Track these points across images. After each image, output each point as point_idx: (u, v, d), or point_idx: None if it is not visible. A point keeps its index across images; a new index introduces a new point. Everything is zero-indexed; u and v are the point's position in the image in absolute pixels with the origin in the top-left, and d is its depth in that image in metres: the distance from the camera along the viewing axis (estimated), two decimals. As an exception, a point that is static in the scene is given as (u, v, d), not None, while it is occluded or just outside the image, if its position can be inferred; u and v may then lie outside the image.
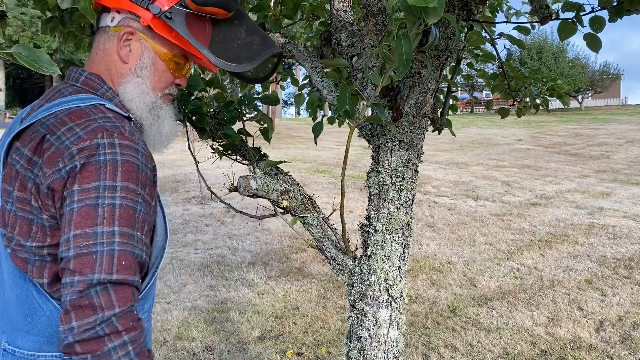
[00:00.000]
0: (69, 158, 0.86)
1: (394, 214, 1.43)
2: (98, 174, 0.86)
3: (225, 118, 1.71)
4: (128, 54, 1.04)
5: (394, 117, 1.43)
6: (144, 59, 1.05)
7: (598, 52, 1.41)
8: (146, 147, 0.98)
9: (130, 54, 1.04)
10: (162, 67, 1.07)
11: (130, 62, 1.04)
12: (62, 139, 0.88)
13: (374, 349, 1.45)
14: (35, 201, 0.90)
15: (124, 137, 0.91)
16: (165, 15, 1.00)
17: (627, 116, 25.21)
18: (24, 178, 0.90)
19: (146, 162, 0.94)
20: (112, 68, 1.05)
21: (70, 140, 0.88)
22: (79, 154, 0.86)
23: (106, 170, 0.87)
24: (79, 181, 0.86)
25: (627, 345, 3.36)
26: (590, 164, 11.56)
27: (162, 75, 1.08)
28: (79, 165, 0.86)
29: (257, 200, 1.59)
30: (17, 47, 0.67)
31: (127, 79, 1.05)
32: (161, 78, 1.08)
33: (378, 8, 1.51)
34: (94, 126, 0.89)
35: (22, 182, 0.90)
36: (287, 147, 15.38)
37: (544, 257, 5.24)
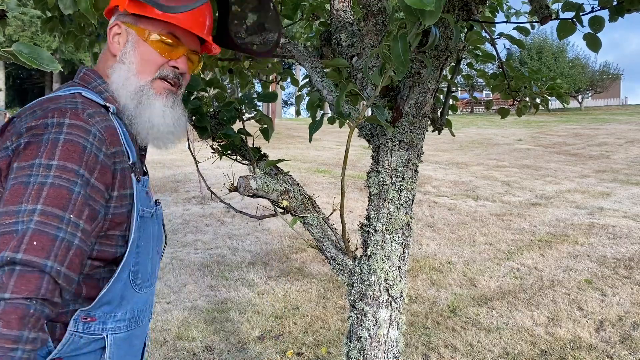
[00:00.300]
0: (17, 137, 0.87)
1: (394, 214, 1.43)
2: (37, 152, 0.84)
3: (225, 118, 1.71)
4: (117, 47, 1.07)
5: (394, 117, 1.43)
6: (127, 45, 1.06)
7: (598, 52, 1.41)
8: (108, 131, 0.95)
9: (119, 45, 1.07)
10: (148, 50, 1.06)
11: (117, 54, 1.07)
12: (22, 121, 0.90)
13: (374, 349, 1.45)
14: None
15: (77, 118, 0.90)
16: None
17: (627, 116, 25.21)
18: None
19: (99, 145, 0.92)
20: (105, 62, 1.08)
21: (25, 121, 0.89)
22: (26, 133, 0.87)
23: (45, 149, 0.85)
24: (19, 159, 0.85)
25: (627, 345, 3.36)
26: (590, 164, 11.56)
27: (148, 58, 1.06)
28: (23, 143, 0.86)
29: (257, 200, 1.59)
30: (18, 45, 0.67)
31: (113, 69, 1.06)
32: (148, 61, 1.06)
33: (378, 8, 1.51)
34: (52, 107, 0.90)
35: None
36: (287, 147, 15.38)
37: (544, 257, 5.24)
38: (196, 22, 1.08)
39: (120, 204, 0.99)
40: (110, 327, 1.01)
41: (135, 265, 1.04)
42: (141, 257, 1.05)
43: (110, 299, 1.00)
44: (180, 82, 1.12)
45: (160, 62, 1.07)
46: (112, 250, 1.00)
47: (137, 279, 1.05)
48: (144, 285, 1.08)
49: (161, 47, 1.06)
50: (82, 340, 0.98)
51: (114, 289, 1.00)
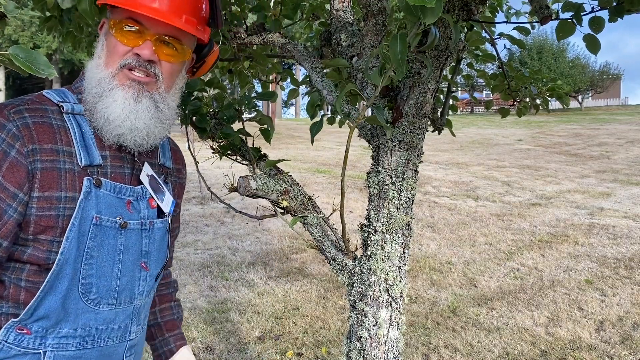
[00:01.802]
0: None
1: (394, 214, 1.43)
2: None
3: (224, 117, 1.71)
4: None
5: (394, 118, 1.43)
6: (99, 40, 1.02)
7: (597, 54, 1.40)
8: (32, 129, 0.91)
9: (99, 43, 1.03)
10: (112, 40, 0.98)
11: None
12: None
13: (374, 349, 1.44)
14: None
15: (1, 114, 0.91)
16: None
17: (627, 116, 25.22)
18: None
19: (11, 141, 0.89)
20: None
21: None
22: None
23: None
24: None
25: (628, 345, 3.36)
26: (590, 164, 11.56)
27: (113, 48, 0.98)
28: None
29: (257, 201, 1.59)
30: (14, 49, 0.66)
31: (86, 66, 1.02)
32: (112, 52, 0.98)
33: (378, 8, 1.51)
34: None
35: None
36: (287, 147, 15.38)
37: (544, 258, 5.24)
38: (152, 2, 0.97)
39: (47, 206, 0.92)
40: (51, 343, 0.95)
41: (87, 277, 0.96)
42: (96, 269, 0.97)
43: (47, 312, 0.94)
44: (154, 72, 1.00)
45: (123, 51, 0.98)
46: (43, 255, 0.93)
47: (90, 293, 0.97)
48: (102, 302, 0.99)
49: (124, 34, 0.97)
50: (12, 352, 0.94)
51: (50, 301, 0.94)
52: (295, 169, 10.41)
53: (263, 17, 1.84)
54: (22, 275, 0.94)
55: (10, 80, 30.22)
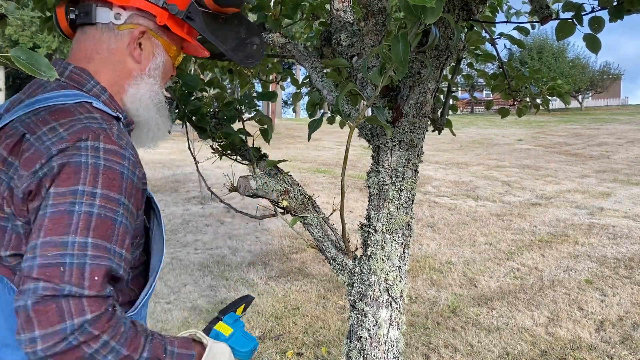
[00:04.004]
0: (47, 159, 0.78)
1: (394, 214, 1.43)
2: (77, 178, 0.78)
3: (224, 117, 1.71)
4: (140, 54, 0.99)
5: (394, 117, 1.43)
6: (156, 58, 1.01)
7: (597, 54, 1.40)
8: (135, 152, 0.90)
9: (143, 53, 0.99)
10: (170, 64, 1.05)
11: (143, 62, 1.00)
12: (42, 139, 0.80)
13: (374, 349, 1.44)
14: (7, 207, 0.81)
15: (110, 141, 0.83)
16: (187, 15, 0.99)
17: (627, 116, 25.21)
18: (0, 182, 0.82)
19: (133, 169, 0.86)
20: (117, 68, 0.98)
21: (51, 141, 0.80)
22: (58, 155, 0.78)
23: (87, 175, 0.78)
24: (55, 184, 0.77)
25: (628, 345, 3.36)
26: (590, 164, 11.56)
27: (167, 71, 1.06)
28: (57, 166, 0.78)
29: (257, 200, 1.59)
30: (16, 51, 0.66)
31: (138, 80, 0.99)
32: (166, 74, 1.06)
33: (378, 8, 1.51)
34: (79, 127, 0.82)
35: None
36: (287, 147, 15.38)
37: (544, 257, 5.24)
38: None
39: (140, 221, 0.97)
40: None
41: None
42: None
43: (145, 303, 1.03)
44: None
45: (171, 74, 1.08)
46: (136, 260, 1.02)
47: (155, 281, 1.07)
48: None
49: (175, 61, 1.07)
50: None
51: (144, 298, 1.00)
52: (295, 169, 10.40)
53: (263, 17, 1.84)
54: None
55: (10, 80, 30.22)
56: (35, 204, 0.78)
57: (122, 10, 0.97)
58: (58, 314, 0.72)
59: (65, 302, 0.73)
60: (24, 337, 0.72)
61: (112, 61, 0.97)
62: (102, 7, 0.96)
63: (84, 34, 0.98)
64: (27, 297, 0.72)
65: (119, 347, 0.77)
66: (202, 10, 1.01)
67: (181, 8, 0.98)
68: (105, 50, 0.97)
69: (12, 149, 0.82)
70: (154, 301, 4.10)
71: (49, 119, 0.83)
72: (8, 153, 0.82)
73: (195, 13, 1.00)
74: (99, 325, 0.75)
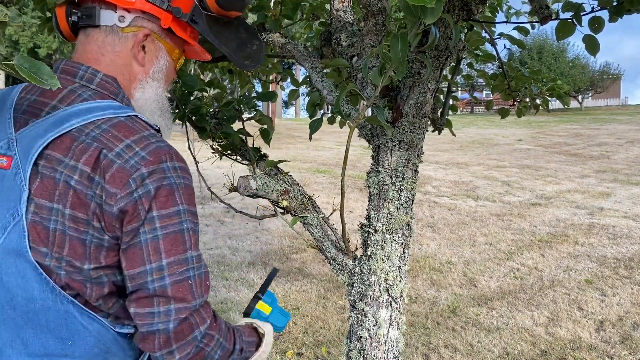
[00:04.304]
0: (141, 180, 0.83)
1: (394, 214, 1.43)
2: (174, 199, 0.86)
3: (224, 117, 1.71)
4: (144, 57, 0.99)
5: (394, 117, 1.43)
6: (159, 61, 1.02)
7: (596, 56, 1.40)
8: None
9: (146, 56, 1.00)
10: (172, 67, 1.06)
11: (146, 66, 1.00)
12: (124, 157, 0.83)
13: (374, 349, 1.44)
14: (97, 222, 0.83)
15: (179, 159, 0.89)
16: (191, 18, 1.00)
17: (627, 116, 25.21)
18: (83, 196, 0.82)
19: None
20: (125, 72, 0.98)
21: (135, 160, 0.83)
22: (150, 177, 0.83)
23: (180, 195, 0.87)
24: (157, 206, 0.84)
25: (628, 345, 3.36)
26: (590, 164, 11.56)
27: (170, 74, 1.06)
28: (153, 189, 0.83)
29: (257, 200, 1.59)
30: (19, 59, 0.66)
31: (143, 83, 1.00)
32: (169, 77, 1.06)
33: (378, 8, 1.51)
34: (153, 147, 0.86)
35: (79, 200, 0.82)
36: (287, 147, 15.38)
37: (544, 257, 5.24)
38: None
39: None
40: None
41: None
42: None
43: None
44: None
45: (173, 77, 1.09)
46: None
47: None
48: None
49: (178, 64, 1.07)
50: None
51: None
52: (295, 169, 10.41)
53: (263, 17, 1.84)
54: None
55: (10, 81, 30.23)
56: (134, 225, 0.83)
57: (126, 13, 0.96)
58: (190, 328, 0.87)
59: (195, 316, 0.88)
60: (164, 352, 0.86)
61: (118, 64, 0.98)
62: (105, 10, 0.96)
63: (87, 36, 0.98)
64: (168, 322, 0.85)
65: (224, 342, 0.93)
66: (205, 14, 1.01)
67: (185, 11, 0.99)
68: (110, 53, 0.97)
69: (94, 166, 0.83)
70: (154, 301, 4.11)
71: (118, 135, 0.85)
72: (90, 169, 0.83)
73: (198, 16, 1.00)
74: (213, 327, 0.91)
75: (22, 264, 0.84)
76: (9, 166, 0.86)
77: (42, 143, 0.84)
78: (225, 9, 1.02)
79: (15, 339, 0.87)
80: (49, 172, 0.83)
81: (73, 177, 0.82)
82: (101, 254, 0.85)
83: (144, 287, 0.84)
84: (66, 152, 0.84)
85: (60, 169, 0.83)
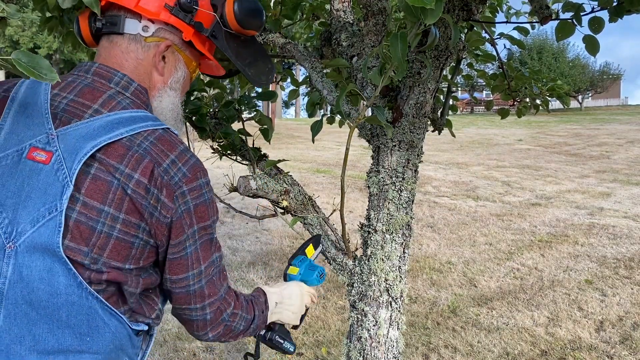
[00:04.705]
0: (183, 197, 0.93)
1: (394, 214, 1.43)
2: (207, 213, 0.97)
3: (224, 117, 1.71)
4: (164, 67, 1.04)
5: (394, 117, 1.43)
6: (178, 72, 1.07)
7: (596, 56, 1.40)
8: None
9: (166, 66, 1.05)
10: (188, 78, 1.11)
11: (165, 75, 1.05)
12: (170, 173, 0.91)
13: (374, 349, 1.45)
14: (151, 228, 0.92)
15: (207, 174, 0.99)
16: (211, 34, 1.05)
17: (627, 116, 25.21)
18: (138, 205, 0.89)
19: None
20: (146, 80, 1.03)
21: (178, 177, 0.92)
22: (190, 194, 0.94)
23: (211, 209, 0.99)
24: (196, 221, 0.95)
25: (628, 345, 3.36)
26: (590, 164, 11.56)
27: (186, 85, 1.12)
28: (192, 206, 0.94)
29: (257, 200, 1.59)
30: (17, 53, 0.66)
31: (161, 92, 1.05)
32: (185, 88, 1.12)
33: (378, 8, 1.51)
34: (191, 163, 0.95)
35: (135, 207, 0.89)
36: (287, 147, 15.38)
37: (544, 258, 5.24)
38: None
39: None
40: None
41: None
42: None
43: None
44: None
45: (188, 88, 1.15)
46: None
47: None
48: None
49: (194, 75, 1.13)
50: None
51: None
52: (295, 169, 10.41)
53: (263, 17, 1.83)
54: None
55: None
56: (181, 238, 0.95)
57: (150, 24, 1.01)
58: (220, 313, 1.05)
59: (223, 303, 1.05)
60: (200, 333, 1.06)
61: (140, 72, 1.02)
62: (131, 19, 1.00)
63: (111, 42, 1.02)
64: (205, 314, 1.03)
65: (245, 315, 1.11)
66: (226, 30, 1.07)
67: (206, 26, 1.04)
68: (133, 60, 1.01)
69: (150, 178, 0.90)
70: (154, 301, 4.11)
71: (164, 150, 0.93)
72: (147, 181, 0.90)
73: (218, 32, 1.06)
74: (236, 307, 1.09)
75: (50, 258, 0.85)
76: (48, 161, 0.87)
77: (95, 145, 0.87)
78: (245, 28, 1.07)
79: (26, 335, 0.87)
80: (103, 175, 0.88)
81: (129, 185, 0.88)
82: (142, 256, 0.94)
83: (185, 288, 0.99)
84: (121, 160, 0.88)
85: (117, 174, 0.88)
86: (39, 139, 0.89)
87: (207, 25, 1.04)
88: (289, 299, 1.26)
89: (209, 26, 1.04)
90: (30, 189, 0.86)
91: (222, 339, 1.10)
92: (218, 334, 1.07)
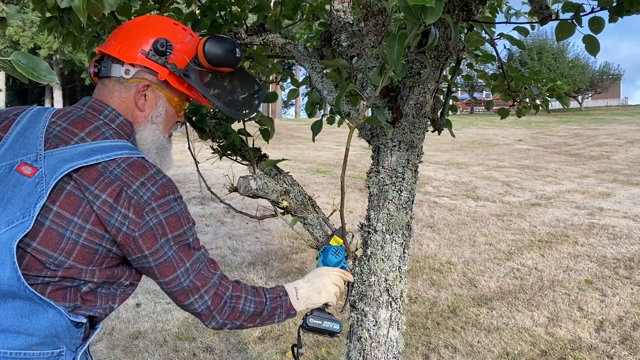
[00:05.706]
0: (152, 212, 1.06)
1: (394, 215, 1.43)
2: (180, 223, 1.10)
3: (224, 117, 1.71)
4: (144, 103, 1.18)
5: (394, 118, 1.43)
6: (158, 108, 1.20)
7: (596, 56, 1.40)
8: None
9: (146, 102, 1.19)
10: (172, 112, 1.23)
11: (146, 111, 1.19)
12: (139, 193, 1.05)
13: (374, 349, 1.45)
14: (114, 238, 1.04)
15: (177, 190, 1.12)
16: (183, 73, 1.17)
17: (627, 116, 25.22)
18: (103, 220, 1.03)
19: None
20: (129, 115, 1.18)
21: (147, 196, 1.06)
22: (160, 209, 1.07)
23: (182, 219, 1.11)
24: (169, 230, 1.08)
25: (627, 345, 3.36)
26: (590, 164, 11.56)
27: (171, 118, 1.24)
28: (163, 219, 1.07)
29: (257, 201, 1.59)
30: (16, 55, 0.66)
31: (142, 126, 1.19)
32: (170, 121, 1.24)
33: (378, 8, 1.51)
34: (160, 183, 1.08)
35: (100, 221, 1.03)
36: (287, 147, 15.38)
37: (544, 258, 5.24)
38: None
39: None
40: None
41: None
42: None
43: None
44: None
45: (176, 121, 1.27)
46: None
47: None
48: None
49: (180, 109, 1.26)
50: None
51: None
52: (295, 169, 10.41)
53: (263, 17, 1.84)
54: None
55: (10, 81, 30.21)
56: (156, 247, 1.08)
57: (131, 67, 1.17)
58: (219, 297, 1.17)
59: (219, 288, 1.17)
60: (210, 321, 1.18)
61: (123, 108, 1.17)
62: (115, 64, 1.17)
63: (103, 83, 1.19)
64: (205, 301, 1.15)
65: (252, 297, 1.22)
66: (199, 69, 1.19)
67: (180, 67, 1.18)
68: (117, 98, 1.17)
69: (116, 199, 1.03)
70: (154, 301, 4.10)
71: (133, 174, 1.07)
72: (113, 201, 1.03)
73: (192, 71, 1.18)
74: (236, 289, 1.20)
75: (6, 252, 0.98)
76: (32, 175, 1.02)
77: (71, 166, 1.02)
78: (216, 66, 1.19)
79: None
80: (76, 192, 1.03)
81: (96, 203, 1.02)
82: (105, 261, 1.06)
83: (180, 286, 1.12)
84: (93, 182, 1.03)
85: (87, 194, 1.03)
86: (29, 157, 1.05)
87: (181, 66, 1.18)
88: (308, 282, 1.35)
89: (182, 66, 1.18)
90: (12, 195, 1.01)
91: (237, 322, 1.21)
92: (226, 315, 1.18)
